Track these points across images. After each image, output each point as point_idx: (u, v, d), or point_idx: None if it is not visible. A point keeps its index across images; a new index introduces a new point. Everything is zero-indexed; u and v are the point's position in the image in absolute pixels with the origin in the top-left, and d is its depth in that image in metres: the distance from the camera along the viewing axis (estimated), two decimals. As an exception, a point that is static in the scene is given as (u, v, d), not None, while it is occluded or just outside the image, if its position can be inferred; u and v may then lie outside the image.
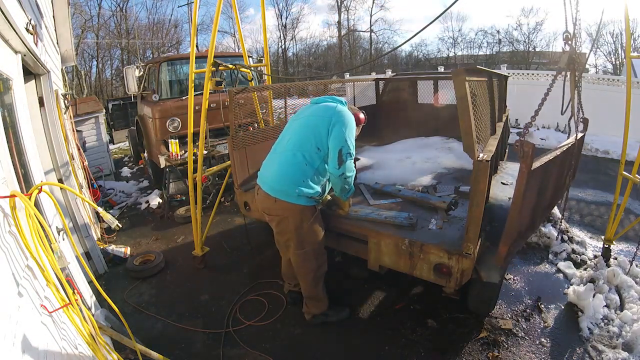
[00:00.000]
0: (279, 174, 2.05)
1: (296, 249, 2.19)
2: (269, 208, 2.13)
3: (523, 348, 2.24)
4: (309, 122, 2.12)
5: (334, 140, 2.02)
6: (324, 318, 2.44)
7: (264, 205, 2.14)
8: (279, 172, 2.06)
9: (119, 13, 23.44)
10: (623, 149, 2.95)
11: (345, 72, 17.54)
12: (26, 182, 1.94)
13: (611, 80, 8.92)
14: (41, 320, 1.30)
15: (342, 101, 2.25)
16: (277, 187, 2.04)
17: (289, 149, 2.08)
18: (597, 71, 22.61)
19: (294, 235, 2.14)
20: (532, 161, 1.56)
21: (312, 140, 2.05)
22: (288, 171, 2.04)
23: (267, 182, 2.09)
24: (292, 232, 2.14)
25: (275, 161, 2.11)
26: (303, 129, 2.11)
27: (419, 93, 5.13)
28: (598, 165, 6.56)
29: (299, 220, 2.08)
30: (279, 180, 2.04)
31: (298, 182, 2.01)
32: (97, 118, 6.81)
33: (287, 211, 2.06)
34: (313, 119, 2.11)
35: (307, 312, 2.46)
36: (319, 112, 2.14)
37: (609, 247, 3.10)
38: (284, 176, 2.03)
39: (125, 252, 3.59)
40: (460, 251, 1.86)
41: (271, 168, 2.12)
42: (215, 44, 3.14)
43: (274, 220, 2.18)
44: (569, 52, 2.14)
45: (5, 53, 1.88)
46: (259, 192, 2.16)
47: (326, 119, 2.06)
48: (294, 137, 2.11)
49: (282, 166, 2.06)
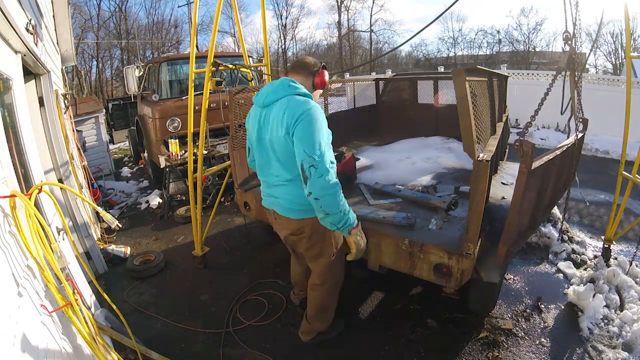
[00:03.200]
0: (293, 198, 1.86)
1: (326, 259, 2.02)
2: (295, 230, 1.95)
3: (523, 348, 2.24)
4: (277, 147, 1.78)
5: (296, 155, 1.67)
6: (325, 336, 2.29)
7: (289, 228, 1.96)
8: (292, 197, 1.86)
9: (119, 13, 23.46)
10: (623, 149, 2.95)
11: (345, 72, 17.54)
12: (26, 182, 1.94)
13: (611, 80, 8.92)
14: (41, 320, 1.30)
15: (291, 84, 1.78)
16: (297, 208, 1.87)
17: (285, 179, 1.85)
18: (597, 71, 22.63)
19: (322, 245, 1.98)
20: (531, 161, 1.56)
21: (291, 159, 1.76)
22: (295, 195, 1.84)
23: (285, 207, 1.90)
24: (321, 243, 1.98)
25: (282, 190, 1.89)
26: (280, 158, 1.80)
27: (419, 93, 5.13)
28: (598, 165, 6.56)
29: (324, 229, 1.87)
30: (296, 203, 1.86)
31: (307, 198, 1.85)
32: (97, 118, 6.81)
33: (314, 225, 1.86)
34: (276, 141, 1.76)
35: (308, 331, 2.28)
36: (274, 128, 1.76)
37: (609, 247, 3.10)
38: (298, 198, 1.83)
39: (125, 252, 3.59)
40: (460, 251, 1.86)
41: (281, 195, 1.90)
42: (215, 44, 3.14)
43: (304, 237, 1.96)
44: (568, 52, 2.14)
45: (5, 53, 1.88)
46: (278, 217, 1.97)
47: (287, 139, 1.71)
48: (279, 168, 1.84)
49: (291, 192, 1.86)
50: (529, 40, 25.95)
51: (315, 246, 1.98)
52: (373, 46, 29.88)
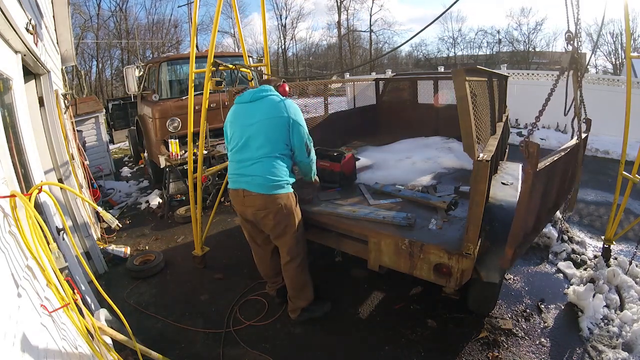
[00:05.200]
0: (267, 173, 2.18)
1: (293, 234, 2.31)
2: (264, 205, 2.22)
3: (523, 348, 2.24)
4: (271, 125, 2.20)
5: (298, 137, 2.25)
6: (310, 314, 2.48)
7: (257, 204, 2.23)
8: (266, 172, 2.18)
9: (119, 13, 23.45)
10: (623, 149, 2.95)
11: (345, 72, 17.54)
12: (26, 182, 1.94)
13: (611, 80, 8.92)
14: (41, 320, 1.30)
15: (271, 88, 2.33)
16: (271, 184, 2.18)
17: (265, 154, 2.20)
18: (597, 71, 22.62)
19: (289, 220, 2.27)
20: (537, 162, 1.56)
21: (280, 139, 2.21)
22: (274, 169, 2.19)
23: (257, 183, 2.19)
24: (288, 218, 2.27)
25: (260, 165, 2.20)
26: (270, 133, 2.20)
27: (419, 93, 5.13)
28: (598, 165, 6.56)
29: (292, 205, 2.27)
30: (270, 178, 2.18)
31: (284, 174, 2.22)
32: (97, 118, 6.81)
33: (282, 200, 2.22)
34: (273, 121, 2.20)
35: (293, 309, 2.49)
36: (271, 111, 2.21)
37: (609, 247, 3.10)
38: (272, 174, 2.18)
39: (125, 252, 3.59)
40: (460, 251, 1.86)
41: (257, 172, 2.20)
42: (215, 44, 3.14)
43: (271, 214, 2.24)
44: (571, 51, 2.13)
45: (5, 53, 1.88)
46: (247, 195, 2.23)
47: (284, 119, 2.19)
48: (264, 143, 2.20)
49: (267, 167, 2.19)
50: (529, 40, 25.95)
51: (282, 221, 2.26)
52: (373, 46, 29.88)
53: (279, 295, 2.68)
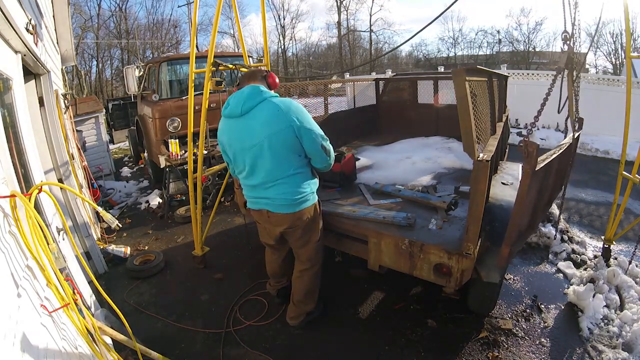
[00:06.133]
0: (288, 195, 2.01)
1: (316, 242, 2.25)
2: (292, 223, 2.10)
3: (523, 348, 2.24)
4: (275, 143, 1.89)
5: (310, 143, 1.96)
6: (309, 317, 2.45)
7: (283, 223, 2.11)
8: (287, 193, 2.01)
9: (119, 13, 23.45)
10: (623, 149, 2.95)
11: (345, 72, 17.54)
12: (26, 182, 1.94)
13: (611, 80, 8.92)
14: (41, 320, 1.30)
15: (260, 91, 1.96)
16: (293, 203, 2.03)
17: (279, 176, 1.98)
18: (597, 71, 22.62)
19: (314, 231, 2.21)
20: (536, 162, 1.56)
21: (292, 155, 1.97)
22: (294, 188, 2.02)
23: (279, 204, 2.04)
24: (313, 228, 2.20)
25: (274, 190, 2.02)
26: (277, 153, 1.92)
27: (419, 93, 5.13)
28: (598, 165, 6.55)
29: (316, 216, 2.19)
30: (292, 196, 2.02)
31: (306, 187, 2.07)
32: (97, 118, 6.81)
33: (309, 213, 2.12)
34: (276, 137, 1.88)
35: (297, 315, 2.41)
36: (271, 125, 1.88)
37: (609, 247, 3.09)
38: (293, 193, 2.01)
39: (125, 252, 3.59)
40: (460, 251, 1.86)
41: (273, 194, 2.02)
42: (215, 44, 3.14)
43: (298, 229, 2.13)
44: (567, 51, 2.14)
45: (5, 53, 1.88)
46: (271, 215, 2.09)
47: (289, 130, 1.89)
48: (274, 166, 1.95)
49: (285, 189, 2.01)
50: (529, 40, 25.95)
51: (308, 232, 2.19)
52: (373, 46, 29.88)
53: (279, 295, 2.67)
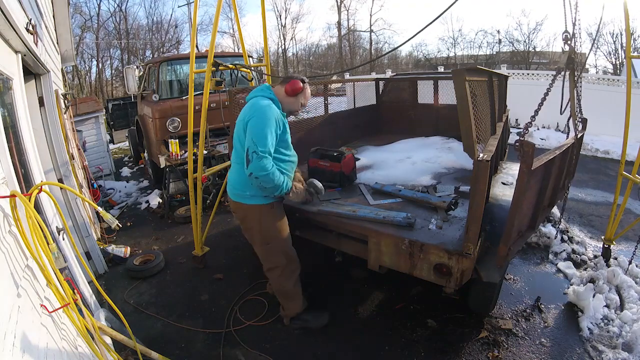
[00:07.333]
0: (234, 179, 2.21)
1: (261, 245, 2.28)
2: (234, 210, 2.32)
3: (523, 348, 2.24)
4: (238, 128, 2.11)
5: (246, 140, 1.99)
6: (303, 323, 2.43)
7: (232, 208, 2.33)
8: (232, 179, 2.23)
9: (119, 13, 23.45)
10: (623, 149, 2.95)
11: (345, 72, 17.55)
12: (26, 182, 1.94)
13: (611, 80, 8.93)
14: (41, 320, 1.30)
15: (264, 89, 2.15)
16: (235, 192, 2.21)
17: (234, 158, 2.22)
18: (597, 71, 22.61)
19: (256, 232, 2.24)
20: (532, 161, 1.56)
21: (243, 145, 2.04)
22: (237, 178, 2.19)
23: (229, 189, 2.27)
24: (253, 229, 2.25)
25: (231, 170, 2.27)
26: (237, 136, 2.12)
27: (419, 93, 5.13)
28: (598, 165, 6.56)
29: (257, 218, 2.19)
30: (235, 186, 2.20)
31: (247, 184, 2.12)
32: (97, 118, 6.81)
33: (246, 211, 2.21)
34: (239, 124, 2.10)
35: (283, 314, 2.47)
36: (242, 114, 2.11)
37: (609, 247, 3.10)
38: (236, 182, 2.19)
39: (125, 252, 3.59)
40: (460, 251, 1.86)
41: (230, 176, 2.27)
42: (215, 44, 3.14)
43: (239, 219, 2.35)
44: (568, 51, 2.14)
45: (6, 53, 1.88)
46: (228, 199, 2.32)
47: (244, 122, 2.03)
48: (235, 144, 2.16)
49: (233, 174, 2.22)
50: (529, 40, 25.92)
51: (248, 231, 2.29)
52: (373, 46, 29.88)
53: None
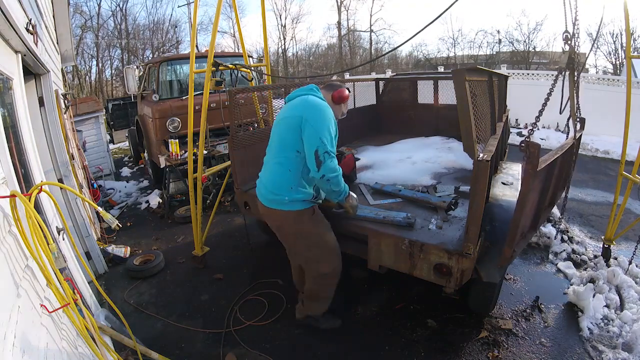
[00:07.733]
0: (269, 183, 2.05)
1: (305, 252, 2.18)
2: (268, 217, 2.18)
3: (523, 348, 2.23)
4: (284, 125, 2.00)
5: (307, 140, 1.88)
6: (314, 322, 2.41)
7: (264, 214, 2.18)
8: (268, 181, 2.06)
9: (119, 13, 23.43)
10: (623, 149, 2.95)
11: (345, 72, 17.54)
12: (26, 182, 1.94)
13: (611, 80, 8.92)
14: (41, 320, 1.30)
15: (313, 88, 2.10)
16: (270, 197, 2.04)
17: (273, 157, 2.07)
18: (597, 71, 22.59)
19: (298, 240, 2.15)
20: (537, 162, 1.55)
21: (290, 144, 1.96)
22: (275, 180, 2.02)
23: (262, 193, 2.10)
24: (294, 237, 2.15)
25: (267, 171, 2.11)
26: (282, 134, 2.01)
27: (419, 93, 5.13)
28: (598, 165, 6.56)
29: (297, 225, 2.06)
30: (270, 190, 2.03)
31: (286, 189, 1.98)
32: (97, 118, 6.82)
33: (283, 219, 2.07)
34: (288, 120, 1.98)
35: (301, 310, 2.44)
36: (292, 110, 2.00)
37: (609, 247, 3.10)
38: (272, 186, 2.03)
39: (125, 252, 3.59)
40: (460, 251, 1.86)
41: (263, 179, 2.12)
42: (215, 44, 3.14)
43: (274, 227, 2.20)
44: (568, 51, 2.14)
45: (6, 53, 1.88)
46: (258, 204, 2.16)
47: (297, 118, 1.92)
48: (275, 143, 2.06)
49: (270, 175, 2.06)
50: (529, 40, 25.88)
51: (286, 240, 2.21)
52: (373, 46, 29.86)
53: None
